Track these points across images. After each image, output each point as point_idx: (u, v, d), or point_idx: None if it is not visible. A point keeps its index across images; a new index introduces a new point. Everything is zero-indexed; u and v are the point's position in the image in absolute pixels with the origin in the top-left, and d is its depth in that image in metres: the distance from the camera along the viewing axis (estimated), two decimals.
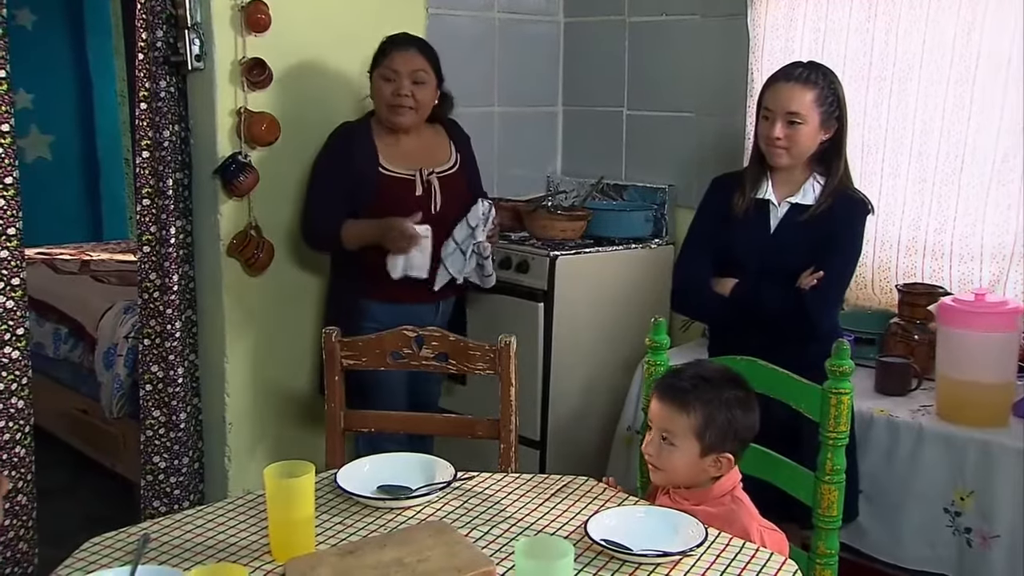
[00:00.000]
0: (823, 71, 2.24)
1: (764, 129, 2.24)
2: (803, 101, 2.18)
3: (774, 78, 2.25)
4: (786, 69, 2.25)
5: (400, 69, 2.57)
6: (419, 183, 2.65)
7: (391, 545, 1.44)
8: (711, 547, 1.51)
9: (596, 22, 3.54)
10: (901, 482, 2.28)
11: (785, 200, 2.27)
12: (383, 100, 2.60)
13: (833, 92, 2.23)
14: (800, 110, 2.18)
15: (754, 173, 2.31)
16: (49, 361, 3.79)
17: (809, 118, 2.19)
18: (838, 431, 1.82)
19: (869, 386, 2.47)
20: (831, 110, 2.22)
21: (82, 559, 1.45)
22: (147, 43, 2.69)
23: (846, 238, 2.24)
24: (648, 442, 1.73)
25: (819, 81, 2.21)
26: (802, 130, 2.19)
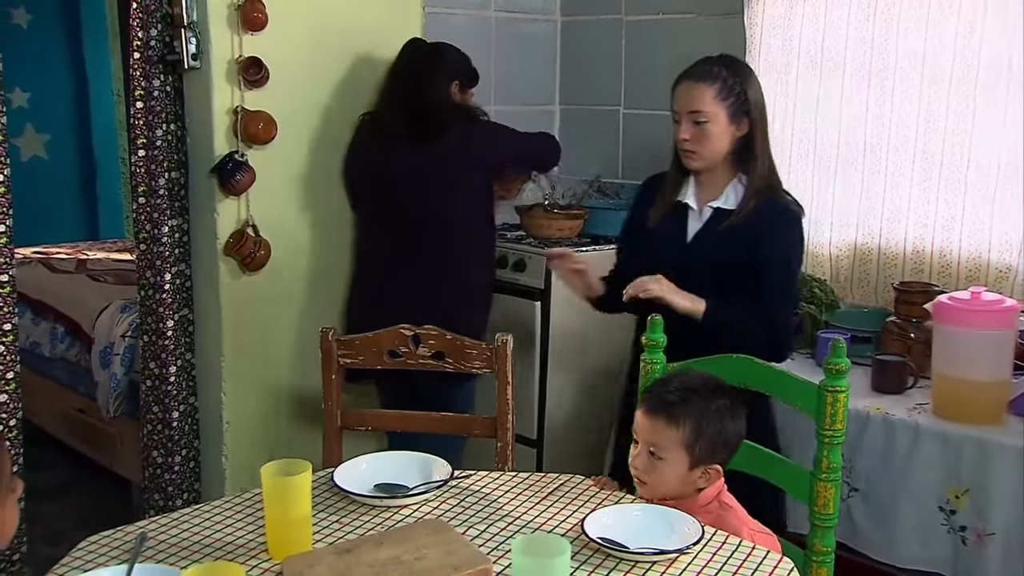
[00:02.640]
0: (728, 63, 2.12)
1: (675, 130, 2.14)
2: (704, 98, 2.07)
3: (678, 78, 2.14)
4: (691, 66, 2.14)
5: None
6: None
7: (388, 543, 1.44)
8: (707, 545, 1.51)
9: (593, 21, 3.54)
10: (897, 480, 2.29)
11: (708, 204, 2.15)
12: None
13: (739, 85, 2.09)
14: (702, 108, 2.07)
15: (675, 176, 2.20)
16: (46, 360, 3.79)
17: (714, 115, 2.07)
18: (834, 429, 1.81)
19: (865, 384, 2.48)
20: (739, 104, 2.08)
21: (79, 558, 1.45)
22: (142, 42, 2.68)
23: (776, 251, 2.09)
24: (635, 456, 1.69)
25: (720, 75, 2.08)
26: (709, 129, 2.08)
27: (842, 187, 2.89)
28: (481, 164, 2.77)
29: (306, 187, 2.92)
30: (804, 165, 2.95)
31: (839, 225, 2.91)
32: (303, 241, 2.94)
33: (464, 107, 2.83)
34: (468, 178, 2.74)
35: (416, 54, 2.83)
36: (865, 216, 2.85)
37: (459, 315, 2.54)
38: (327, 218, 2.99)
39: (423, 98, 2.74)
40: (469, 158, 2.72)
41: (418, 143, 2.71)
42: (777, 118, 2.98)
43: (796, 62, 2.91)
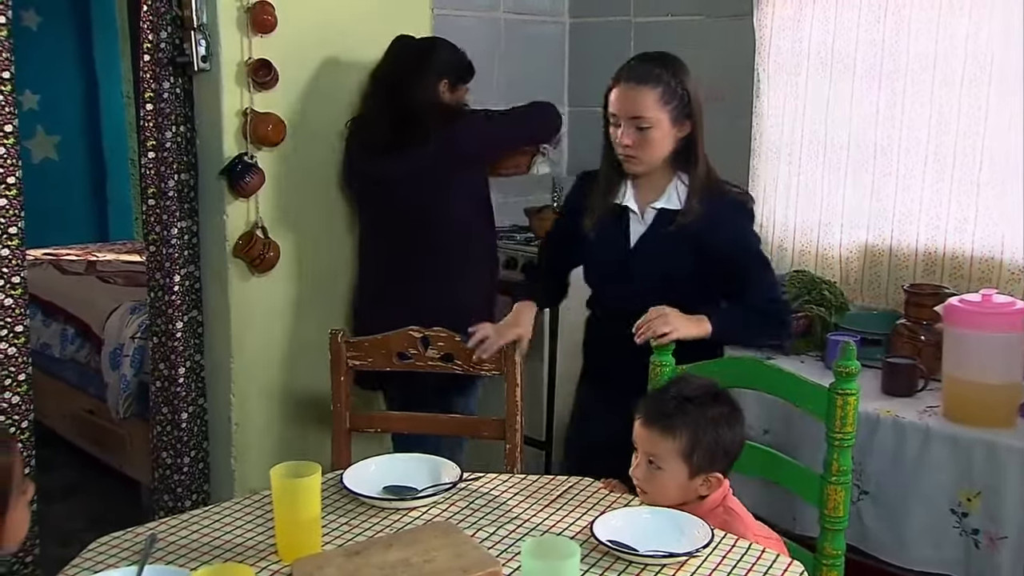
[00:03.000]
0: (668, 63, 2.02)
1: (613, 134, 2.03)
2: (647, 103, 1.97)
3: (616, 78, 2.03)
4: (628, 67, 2.03)
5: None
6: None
7: (397, 545, 1.44)
8: (717, 548, 1.51)
9: (601, 23, 3.54)
10: (907, 483, 2.28)
11: (650, 206, 2.06)
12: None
13: (681, 86, 2.00)
14: (646, 113, 1.97)
15: (609, 177, 2.08)
16: (56, 362, 3.80)
17: (658, 120, 1.98)
18: (844, 432, 1.81)
19: (875, 387, 2.47)
20: (682, 107, 2.00)
21: (89, 559, 1.45)
22: (152, 44, 2.69)
23: (746, 245, 2.08)
24: (635, 466, 1.69)
25: (662, 77, 1.98)
26: (652, 135, 1.98)
27: (852, 189, 2.88)
28: (475, 161, 2.69)
29: (316, 189, 2.93)
30: (814, 167, 2.95)
31: (849, 227, 2.91)
32: (313, 243, 2.94)
33: (446, 107, 2.69)
34: (461, 179, 2.66)
35: (401, 54, 2.76)
36: (876, 218, 2.84)
37: (460, 316, 2.41)
38: (337, 220, 2.99)
39: (406, 102, 2.64)
40: (460, 158, 2.63)
41: (405, 148, 2.62)
42: (787, 120, 2.98)
43: (806, 64, 2.91)
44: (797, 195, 3.00)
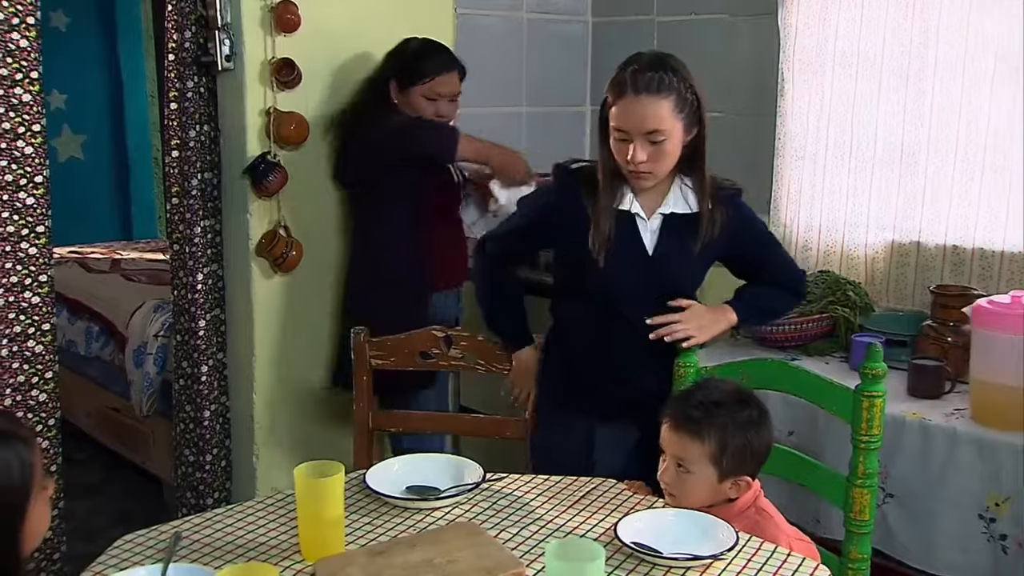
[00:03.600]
0: (672, 66, 1.87)
1: (621, 152, 1.87)
2: (662, 114, 1.83)
3: (619, 89, 1.85)
4: (633, 76, 1.84)
5: (445, 93, 2.68)
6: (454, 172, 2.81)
7: (421, 546, 1.44)
8: (742, 551, 1.50)
9: (624, 22, 3.53)
10: (934, 487, 2.25)
11: (657, 212, 1.96)
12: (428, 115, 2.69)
13: (690, 90, 1.87)
14: (661, 126, 1.83)
15: (610, 184, 1.93)
16: (81, 359, 3.83)
17: (672, 131, 1.85)
18: (871, 434, 1.80)
19: (900, 389, 2.44)
20: (692, 111, 1.88)
21: (115, 556, 1.46)
22: (177, 44, 2.71)
23: (761, 235, 2.10)
24: (664, 470, 1.69)
25: (673, 84, 1.84)
26: (667, 146, 1.86)
27: (878, 188, 2.85)
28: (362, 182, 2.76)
29: (338, 188, 2.93)
30: (839, 166, 2.92)
31: (875, 227, 2.88)
32: (335, 242, 2.95)
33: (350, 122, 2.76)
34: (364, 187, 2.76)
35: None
36: (902, 218, 2.81)
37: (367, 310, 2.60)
38: None
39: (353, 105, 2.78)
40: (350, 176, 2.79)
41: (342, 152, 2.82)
42: (811, 119, 2.96)
43: (831, 62, 2.88)
44: (822, 195, 2.97)
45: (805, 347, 2.75)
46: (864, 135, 2.85)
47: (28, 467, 1.25)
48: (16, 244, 2.47)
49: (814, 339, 2.75)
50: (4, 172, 2.43)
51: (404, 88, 2.66)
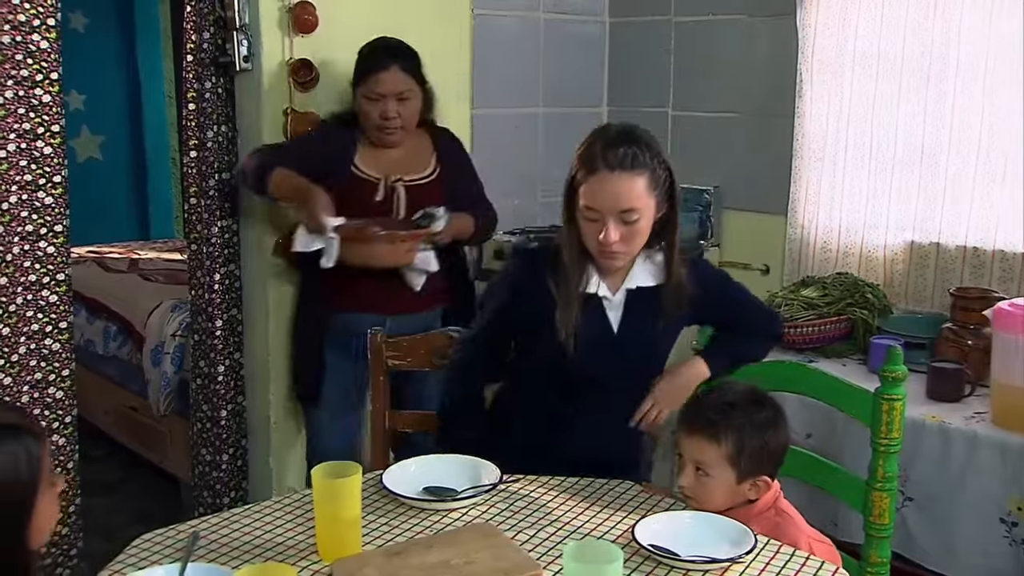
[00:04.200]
0: (644, 141, 1.75)
1: (592, 231, 1.75)
2: (636, 192, 1.72)
3: (591, 165, 1.73)
4: (604, 151, 1.72)
5: (385, 92, 2.48)
6: (382, 188, 2.53)
7: (437, 547, 1.44)
8: (760, 554, 1.49)
9: (641, 22, 3.52)
10: (954, 490, 2.23)
11: (623, 288, 1.85)
12: (369, 121, 2.52)
13: (663, 167, 1.77)
14: (635, 204, 1.72)
15: (577, 266, 1.81)
16: (99, 358, 3.85)
17: (646, 209, 1.74)
18: (890, 438, 1.78)
19: (920, 392, 2.42)
20: (665, 187, 1.78)
21: (133, 555, 1.46)
22: (196, 45, 2.72)
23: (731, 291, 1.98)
24: (683, 475, 1.68)
25: (646, 160, 1.73)
26: (640, 225, 1.75)
27: (898, 190, 2.84)
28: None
29: None
30: (858, 168, 2.91)
31: (894, 229, 2.86)
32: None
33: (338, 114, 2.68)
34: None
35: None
36: (922, 220, 2.79)
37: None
38: None
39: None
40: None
41: None
42: (830, 120, 2.94)
43: (851, 63, 2.86)
44: (841, 196, 2.95)
45: (823, 349, 2.74)
46: (884, 136, 2.84)
47: (36, 461, 1.25)
48: (35, 243, 2.49)
49: (832, 341, 2.74)
50: (23, 172, 2.45)
51: (354, 92, 2.55)
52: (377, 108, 2.49)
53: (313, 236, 2.38)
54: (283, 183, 2.45)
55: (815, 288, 2.83)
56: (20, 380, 2.51)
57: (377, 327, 2.23)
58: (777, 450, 1.70)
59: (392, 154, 2.57)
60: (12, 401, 2.49)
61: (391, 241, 2.41)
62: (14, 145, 2.43)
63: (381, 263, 2.42)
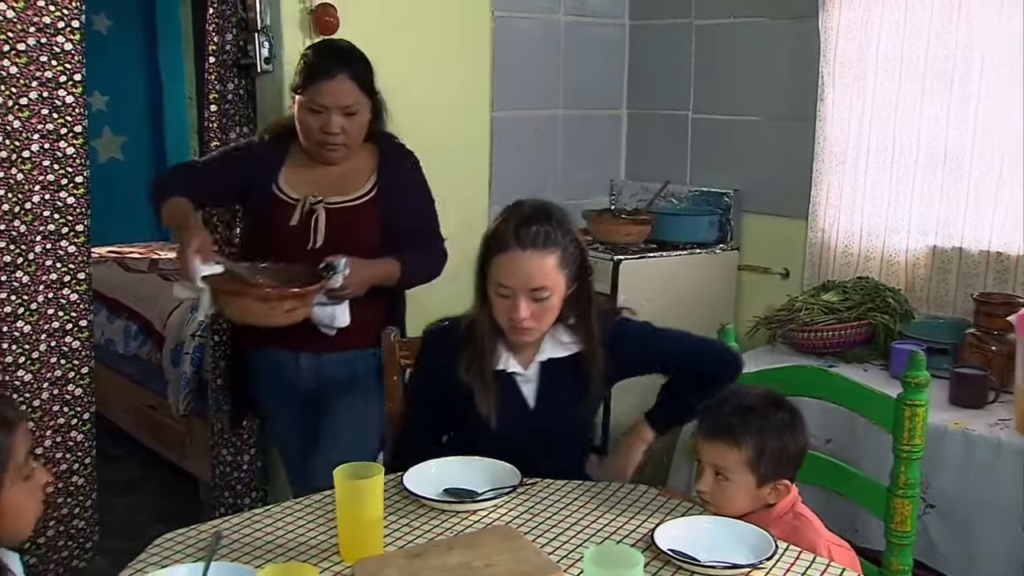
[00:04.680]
0: (555, 219, 1.77)
1: (504, 308, 1.77)
2: (547, 270, 1.74)
3: (503, 244, 1.75)
4: (517, 230, 1.75)
5: (328, 104, 2.14)
6: (298, 212, 2.17)
7: (458, 549, 1.44)
8: (781, 560, 1.48)
9: (662, 25, 3.51)
10: (976, 497, 2.21)
11: (535, 361, 1.86)
12: (309, 134, 2.19)
13: (574, 244, 1.79)
14: (546, 283, 1.74)
15: (489, 344, 1.82)
16: (120, 358, 3.88)
17: (557, 286, 1.76)
18: (913, 444, 1.78)
19: (942, 398, 2.40)
20: (576, 265, 1.80)
21: (155, 554, 1.47)
22: (218, 46, 2.73)
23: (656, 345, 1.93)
24: (701, 480, 1.67)
25: (558, 238, 1.75)
26: (552, 302, 1.77)
27: (920, 194, 2.82)
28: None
29: None
30: (880, 171, 2.89)
31: (916, 233, 2.84)
32: None
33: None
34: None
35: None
36: (944, 224, 2.77)
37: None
38: None
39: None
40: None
41: None
42: (852, 123, 2.93)
43: (873, 66, 2.85)
44: (862, 199, 2.94)
45: (843, 354, 2.72)
46: (906, 139, 2.82)
47: (4, 452, 1.23)
48: (56, 242, 2.51)
49: (852, 346, 2.72)
50: (46, 172, 2.47)
51: (294, 99, 2.22)
52: (318, 121, 2.15)
53: (185, 285, 2.04)
54: (173, 215, 2.10)
55: (836, 292, 2.81)
56: (40, 377, 2.54)
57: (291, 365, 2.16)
58: (796, 453, 1.69)
59: (325, 172, 2.23)
60: (31, 397, 2.52)
61: (264, 300, 1.98)
62: (38, 145, 2.45)
63: (258, 322, 2.02)
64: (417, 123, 3.04)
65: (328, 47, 2.27)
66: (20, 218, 2.45)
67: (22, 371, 2.51)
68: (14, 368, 2.50)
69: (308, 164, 2.24)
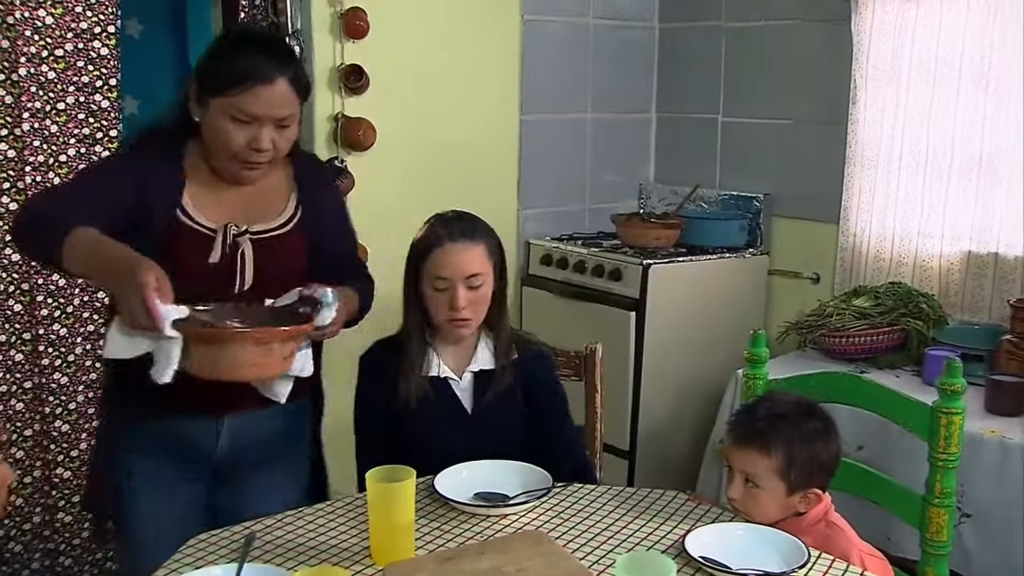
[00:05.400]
0: (478, 218, 1.91)
1: (441, 302, 1.83)
2: (480, 258, 1.85)
3: (434, 242, 1.85)
4: (447, 228, 1.86)
5: (262, 114, 1.68)
6: (219, 246, 1.73)
7: (489, 553, 1.44)
8: (813, 569, 1.47)
9: (692, 27, 3.50)
10: (1013, 507, 2.18)
11: (467, 370, 1.91)
12: (228, 148, 1.70)
13: (495, 239, 1.91)
14: (481, 269, 1.84)
15: (419, 349, 1.88)
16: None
17: (487, 275, 1.86)
18: (949, 452, 1.75)
19: (978, 405, 2.37)
20: (499, 260, 1.90)
21: (189, 555, 1.48)
22: None
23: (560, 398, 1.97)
24: (732, 487, 1.67)
25: (486, 230, 1.90)
26: (484, 291, 1.85)
27: (954, 198, 2.78)
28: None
29: (404, 193, 2.96)
30: (914, 175, 2.86)
31: (950, 237, 2.81)
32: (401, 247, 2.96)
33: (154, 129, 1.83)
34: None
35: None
36: (979, 229, 2.73)
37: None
38: None
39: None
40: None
41: None
42: (885, 126, 2.90)
43: (907, 69, 2.82)
44: (895, 204, 2.91)
45: (875, 359, 2.70)
46: (940, 143, 2.78)
47: None
48: None
49: (884, 352, 2.70)
50: None
51: (203, 98, 1.70)
52: (245, 134, 1.68)
53: (138, 336, 1.54)
54: (88, 253, 1.58)
55: (867, 298, 2.78)
56: (76, 380, 2.57)
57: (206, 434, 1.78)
58: (828, 462, 1.67)
59: (238, 192, 1.78)
60: (68, 400, 2.55)
61: (264, 342, 1.55)
62: (74, 150, 2.49)
63: (248, 375, 1.58)
64: (446, 126, 3.07)
65: (258, 39, 1.81)
66: None
67: (58, 374, 2.54)
68: (51, 371, 2.53)
69: (214, 183, 1.76)
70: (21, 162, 2.42)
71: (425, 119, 2.97)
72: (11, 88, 2.38)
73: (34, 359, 2.51)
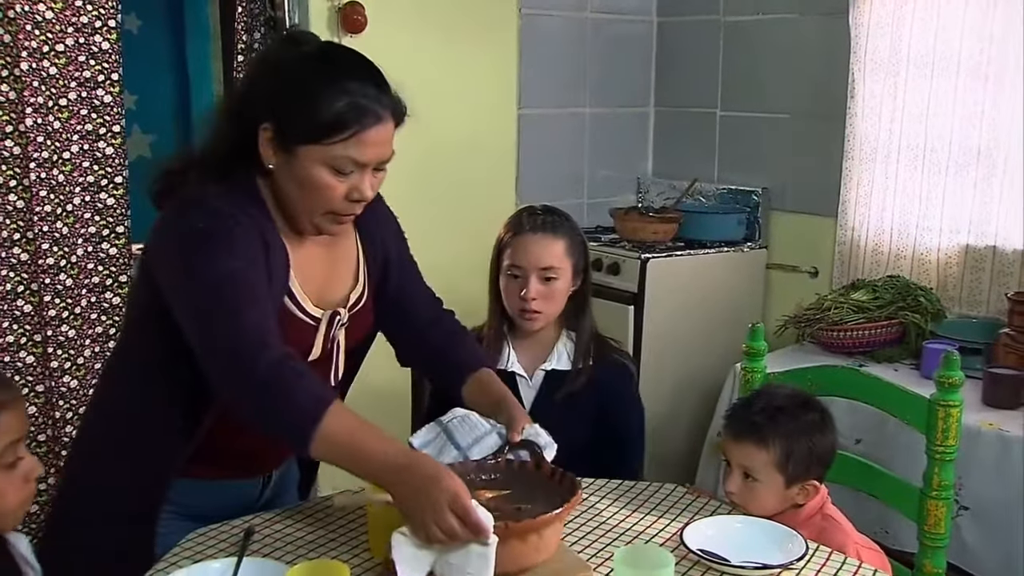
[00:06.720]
0: (566, 215, 1.97)
1: (513, 289, 1.90)
2: (557, 252, 1.90)
3: (516, 229, 1.92)
4: (529, 218, 1.94)
5: (371, 159, 1.41)
6: (320, 339, 1.48)
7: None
8: (811, 561, 1.47)
9: (690, 22, 3.50)
10: (1011, 500, 2.18)
11: (539, 368, 1.93)
12: (327, 203, 1.41)
13: (580, 237, 1.96)
14: (556, 263, 1.89)
15: (496, 338, 1.94)
16: None
17: (564, 271, 1.91)
18: (946, 445, 1.75)
19: (975, 398, 2.37)
20: (580, 259, 1.95)
21: (188, 548, 1.48)
22: (247, 45, 2.76)
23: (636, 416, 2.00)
24: (730, 480, 1.68)
25: (567, 227, 1.94)
26: (557, 286, 1.90)
27: (952, 192, 2.79)
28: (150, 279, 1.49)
29: (401, 192, 2.93)
30: (912, 168, 2.86)
31: (948, 231, 2.81)
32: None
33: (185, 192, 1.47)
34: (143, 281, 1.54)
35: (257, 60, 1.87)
36: (977, 222, 2.74)
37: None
38: (424, 227, 2.99)
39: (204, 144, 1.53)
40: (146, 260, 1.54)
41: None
42: (883, 120, 2.90)
43: (905, 62, 2.82)
44: (893, 197, 2.91)
45: (873, 353, 2.70)
46: (939, 136, 2.79)
47: None
48: (97, 244, 2.54)
49: (882, 345, 2.70)
50: (86, 173, 2.50)
51: (290, 145, 1.38)
52: (347, 185, 1.40)
53: (425, 550, 1.26)
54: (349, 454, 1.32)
55: (865, 291, 2.79)
56: (85, 383, 2.56)
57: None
58: (825, 453, 1.68)
59: (321, 256, 1.52)
60: (78, 404, 2.52)
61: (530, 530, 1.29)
62: (77, 146, 2.48)
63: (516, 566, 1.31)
64: (444, 121, 3.06)
65: (352, 64, 1.48)
66: (62, 219, 2.47)
67: (68, 377, 2.53)
68: (60, 373, 2.51)
69: (301, 244, 1.48)
70: (25, 158, 2.41)
71: (422, 113, 2.96)
72: (14, 83, 2.37)
73: (44, 362, 2.49)
